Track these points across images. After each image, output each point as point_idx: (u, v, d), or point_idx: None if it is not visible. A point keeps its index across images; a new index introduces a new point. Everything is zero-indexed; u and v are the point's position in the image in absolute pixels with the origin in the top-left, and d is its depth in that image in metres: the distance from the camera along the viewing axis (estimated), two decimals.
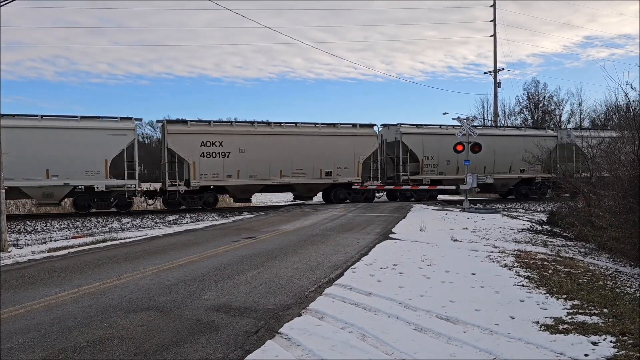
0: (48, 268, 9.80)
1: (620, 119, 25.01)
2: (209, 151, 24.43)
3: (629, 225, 10.02)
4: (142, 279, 8.46)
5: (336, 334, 5.55)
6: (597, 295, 7.08)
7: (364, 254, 10.62)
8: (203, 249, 11.74)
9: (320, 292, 7.45)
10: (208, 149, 24.41)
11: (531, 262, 9.81)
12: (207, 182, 24.51)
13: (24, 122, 21.47)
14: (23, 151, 20.28)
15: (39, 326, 5.91)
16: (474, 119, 25.42)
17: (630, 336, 5.25)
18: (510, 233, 14.80)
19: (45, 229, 18.60)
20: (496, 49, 42.00)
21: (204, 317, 6.20)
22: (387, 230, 14.97)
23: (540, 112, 57.10)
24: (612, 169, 13.37)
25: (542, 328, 5.66)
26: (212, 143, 24.54)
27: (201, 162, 24.26)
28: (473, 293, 7.35)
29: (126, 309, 6.60)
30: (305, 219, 18.43)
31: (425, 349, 5.11)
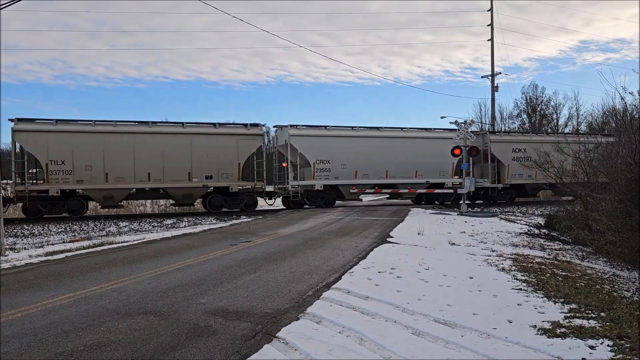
0: (45, 272, 9.78)
1: (617, 123, 25.12)
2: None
3: (626, 229, 10.05)
4: (140, 282, 8.44)
5: (334, 338, 5.55)
6: (594, 299, 7.09)
7: (361, 258, 10.62)
8: (201, 252, 11.72)
9: (318, 296, 7.44)
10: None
11: (529, 265, 9.82)
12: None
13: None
14: None
15: (35, 330, 5.89)
16: (471, 122, 25.39)
17: (627, 340, 5.26)
18: (508, 237, 14.81)
19: (42, 233, 18.56)
20: (493, 53, 42.13)
21: (201, 321, 6.18)
22: (384, 233, 14.98)
23: (538, 116, 57.25)
24: (609, 172, 13.41)
25: (539, 332, 5.67)
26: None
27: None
28: (471, 297, 7.35)
29: (123, 313, 6.58)
30: (303, 223, 18.43)
31: (422, 352, 5.11)
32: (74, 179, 22.13)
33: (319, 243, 13.09)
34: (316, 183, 26.17)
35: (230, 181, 24.52)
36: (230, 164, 24.50)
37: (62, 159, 21.97)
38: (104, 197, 22.80)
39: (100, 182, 22.54)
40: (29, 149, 21.90)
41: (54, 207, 22.32)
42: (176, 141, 23.84)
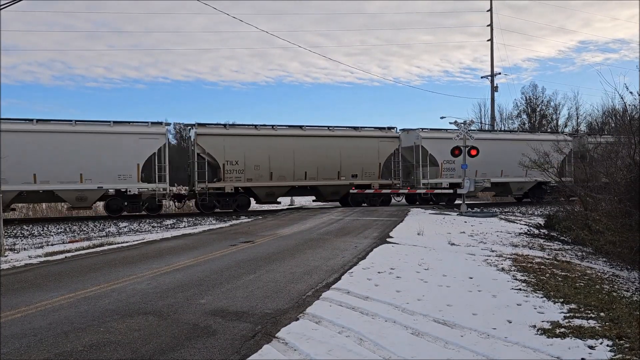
0: (45, 272, 9.78)
1: (617, 123, 25.14)
2: None
3: (625, 229, 10.06)
4: (139, 283, 8.44)
5: (333, 338, 5.55)
6: (594, 299, 7.09)
7: (361, 258, 10.62)
8: (200, 253, 11.73)
9: (317, 296, 7.45)
10: None
11: (528, 265, 9.83)
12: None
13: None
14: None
15: (35, 331, 5.89)
16: (471, 122, 25.40)
17: (627, 340, 5.26)
18: (508, 237, 14.82)
19: (42, 234, 18.56)
20: (493, 53, 42.17)
21: (201, 322, 6.19)
22: (384, 234, 14.98)
23: (537, 116, 57.26)
24: (608, 173, 13.42)
25: (539, 332, 5.67)
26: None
27: None
28: (470, 297, 7.35)
29: (123, 313, 6.59)
30: (303, 223, 18.43)
31: (422, 353, 5.11)
32: (245, 178, 25.08)
33: (318, 243, 13.10)
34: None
35: (371, 179, 26.93)
36: (372, 163, 26.94)
37: (236, 159, 24.94)
38: (267, 193, 25.61)
39: (266, 180, 25.33)
40: (209, 151, 24.49)
41: (226, 203, 25.12)
42: (328, 143, 26.48)
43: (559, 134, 29.12)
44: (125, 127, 23.15)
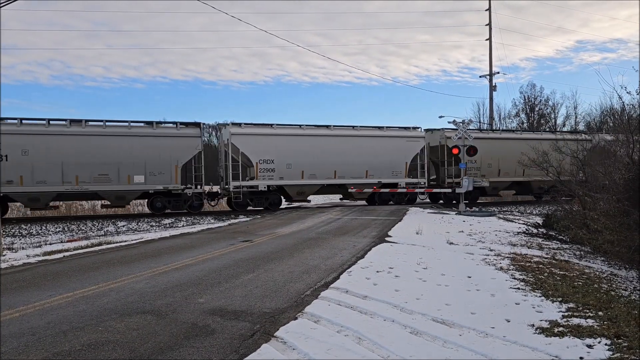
0: (43, 272, 9.77)
1: (615, 122, 25.16)
2: None
3: (623, 228, 10.06)
4: (138, 282, 8.43)
5: (332, 338, 5.55)
6: (592, 298, 7.10)
7: (360, 257, 10.63)
8: (199, 252, 11.72)
9: (316, 295, 7.45)
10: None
11: (527, 265, 9.84)
12: None
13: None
14: None
15: (33, 330, 5.88)
16: (469, 122, 25.40)
17: (625, 339, 5.27)
18: (506, 236, 14.83)
19: (40, 233, 18.54)
20: (491, 53, 42.18)
21: (199, 321, 6.18)
22: (383, 233, 14.98)
23: (536, 116, 57.30)
24: (607, 172, 13.43)
25: (537, 331, 5.68)
26: None
27: None
28: (469, 296, 7.36)
29: (121, 312, 6.58)
30: (301, 222, 18.43)
31: (420, 352, 5.11)
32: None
33: (317, 242, 13.10)
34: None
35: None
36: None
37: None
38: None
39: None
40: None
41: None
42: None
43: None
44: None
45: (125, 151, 22.36)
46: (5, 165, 20.21)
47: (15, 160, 20.52)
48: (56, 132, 21.53)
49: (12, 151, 20.39)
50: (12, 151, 20.36)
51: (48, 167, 21.10)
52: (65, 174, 21.42)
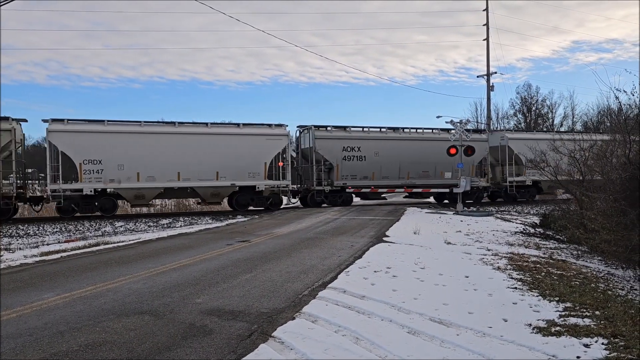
0: (40, 272, 9.75)
1: (612, 122, 25.21)
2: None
3: (620, 228, 10.08)
4: (135, 282, 8.43)
5: (330, 337, 5.55)
6: (589, 298, 7.12)
7: (357, 257, 10.63)
8: (196, 252, 11.71)
9: (314, 295, 7.45)
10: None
11: (524, 264, 9.85)
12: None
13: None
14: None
15: (30, 331, 5.88)
16: (467, 122, 25.44)
17: (621, 338, 5.29)
18: (504, 236, 14.85)
19: (37, 233, 18.49)
20: (489, 53, 42.22)
21: (197, 321, 6.18)
22: (381, 233, 14.99)
23: (533, 116, 57.41)
24: (604, 172, 13.46)
25: (534, 330, 5.69)
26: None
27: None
28: (466, 296, 7.37)
29: (119, 313, 6.57)
30: (299, 222, 18.43)
31: (418, 351, 5.12)
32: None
33: (314, 242, 13.10)
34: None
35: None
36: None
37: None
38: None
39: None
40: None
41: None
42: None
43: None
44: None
45: None
46: None
47: None
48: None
49: None
50: None
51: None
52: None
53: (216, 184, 24.19)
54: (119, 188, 22.81)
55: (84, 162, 22.22)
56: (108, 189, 22.81)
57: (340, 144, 26.97)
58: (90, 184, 22.24)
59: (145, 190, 23.21)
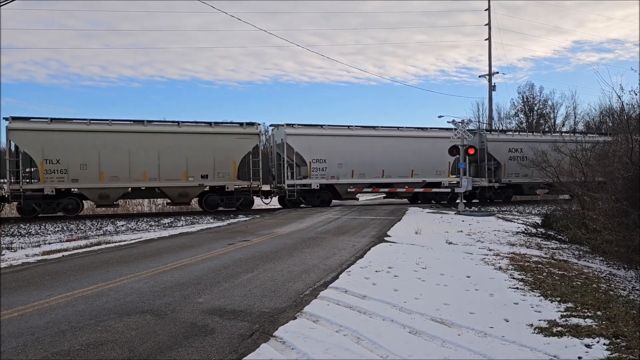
0: (42, 271, 9.76)
1: (614, 122, 25.18)
2: None
3: (622, 228, 10.07)
4: (137, 282, 8.43)
5: (331, 337, 5.55)
6: (590, 298, 7.11)
7: (359, 257, 10.63)
8: (198, 252, 11.72)
9: (315, 295, 7.45)
10: None
11: (525, 264, 9.84)
12: None
13: None
14: None
15: (32, 330, 5.88)
16: (468, 122, 25.41)
17: (623, 339, 5.28)
18: (505, 236, 14.84)
19: (39, 232, 18.52)
20: (491, 52, 42.20)
21: (198, 321, 6.19)
22: (382, 233, 14.99)
23: (535, 116, 57.32)
24: (605, 172, 13.44)
25: (536, 331, 5.68)
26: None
27: None
28: (467, 296, 7.36)
29: (120, 312, 6.58)
30: (301, 222, 18.43)
31: (419, 351, 5.12)
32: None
33: (316, 242, 13.10)
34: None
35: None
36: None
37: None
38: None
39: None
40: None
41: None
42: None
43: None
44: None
45: None
46: None
47: None
48: None
49: None
50: None
51: None
52: None
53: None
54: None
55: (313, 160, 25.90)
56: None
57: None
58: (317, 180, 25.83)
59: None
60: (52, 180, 21.77)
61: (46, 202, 21.94)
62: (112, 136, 22.77)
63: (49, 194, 21.73)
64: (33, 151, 21.69)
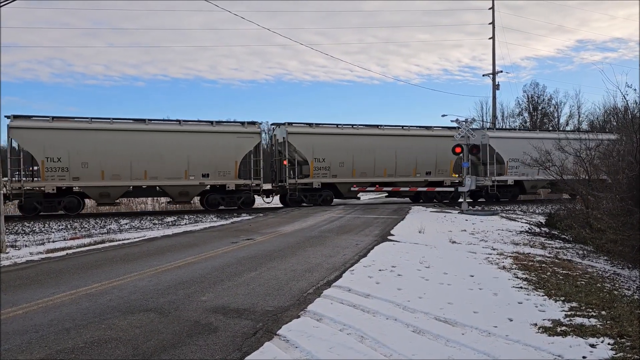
0: (46, 269, 9.79)
1: (618, 121, 25.09)
2: None
3: (627, 228, 10.03)
4: (141, 280, 8.45)
5: (334, 336, 5.55)
6: (595, 298, 7.08)
7: (362, 256, 10.62)
8: (201, 250, 11.73)
9: (318, 293, 7.45)
10: None
11: (529, 264, 9.82)
12: None
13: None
14: None
15: (36, 327, 5.90)
16: (472, 121, 25.38)
17: (628, 338, 5.26)
18: (509, 235, 14.81)
19: (43, 230, 18.58)
20: (495, 51, 42.06)
21: (202, 319, 6.19)
22: (385, 232, 14.98)
23: (539, 115, 57.16)
24: (610, 171, 13.40)
25: (540, 330, 5.67)
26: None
27: None
28: (471, 295, 7.35)
29: (124, 310, 6.59)
30: (304, 221, 18.43)
31: (423, 350, 5.11)
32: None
33: (319, 241, 13.10)
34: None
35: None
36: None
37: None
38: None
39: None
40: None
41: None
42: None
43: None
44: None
45: None
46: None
47: None
48: None
49: None
50: None
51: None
52: None
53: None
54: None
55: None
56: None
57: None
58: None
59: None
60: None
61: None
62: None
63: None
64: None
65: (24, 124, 21.84)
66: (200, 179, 24.10)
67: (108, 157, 22.54)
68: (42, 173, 21.84)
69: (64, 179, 22.02)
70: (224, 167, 24.24)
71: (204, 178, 24.17)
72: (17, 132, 21.72)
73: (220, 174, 24.30)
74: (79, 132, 22.38)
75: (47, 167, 21.79)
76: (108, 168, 22.59)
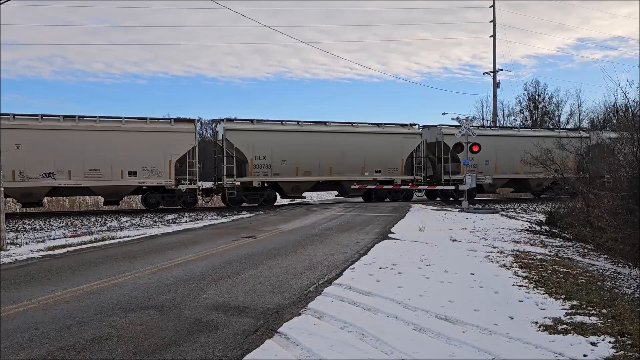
0: (47, 267, 9.79)
1: (619, 120, 25.06)
2: None
3: (627, 226, 10.03)
4: (141, 278, 8.45)
5: (335, 334, 5.55)
6: (595, 296, 7.09)
7: (363, 254, 10.62)
8: (202, 248, 11.73)
9: (319, 291, 7.45)
10: None
11: (530, 262, 9.82)
12: None
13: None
14: None
15: (37, 325, 5.90)
16: (473, 119, 25.37)
17: (629, 337, 5.26)
18: (509, 233, 14.81)
19: (44, 228, 18.57)
20: (495, 50, 42.03)
21: (203, 317, 6.19)
22: (386, 230, 14.98)
23: (540, 113, 57.12)
24: (611, 170, 13.39)
25: (541, 328, 5.67)
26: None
27: None
28: (472, 293, 7.35)
29: (125, 307, 6.59)
30: (304, 219, 18.43)
31: (424, 348, 5.11)
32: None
33: (320, 239, 13.10)
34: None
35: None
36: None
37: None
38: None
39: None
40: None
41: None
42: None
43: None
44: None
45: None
46: None
47: None
48: None
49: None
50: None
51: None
52: None
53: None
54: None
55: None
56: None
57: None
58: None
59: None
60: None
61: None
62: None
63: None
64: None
65: (235, 127, 25.16)
66: (373, 175, 27.00)
67: (300, 155, 25.56)
68: (250, 170, 25.10)
69: (267, 174, 25.36)
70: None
71: (376, 174, 26.99)
72: (231, 133, 24.88)
73: (389, 170, 27.34)
74: (277, 134, 25.59)
75: (255, 165, 25.16)
76: (301, 165, 25.67)
